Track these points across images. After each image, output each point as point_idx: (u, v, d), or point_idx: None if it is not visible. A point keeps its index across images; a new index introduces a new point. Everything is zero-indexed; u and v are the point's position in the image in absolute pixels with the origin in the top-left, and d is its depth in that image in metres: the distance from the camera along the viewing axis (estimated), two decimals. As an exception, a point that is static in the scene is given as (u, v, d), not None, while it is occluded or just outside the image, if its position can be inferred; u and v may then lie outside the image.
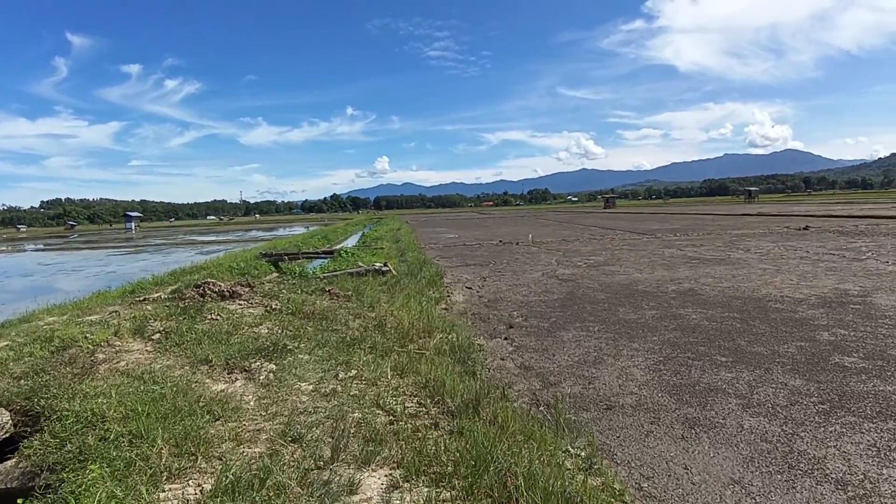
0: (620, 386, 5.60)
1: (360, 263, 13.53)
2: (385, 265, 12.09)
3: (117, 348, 6.10)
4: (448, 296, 11.09)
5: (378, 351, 6.22)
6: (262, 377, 5.09)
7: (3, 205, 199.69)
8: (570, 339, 7.67)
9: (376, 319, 7.77)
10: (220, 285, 9.21)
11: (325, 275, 11.67)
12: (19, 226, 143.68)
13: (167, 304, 8.52)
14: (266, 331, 6.86)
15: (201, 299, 8.78)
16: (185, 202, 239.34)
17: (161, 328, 6.76)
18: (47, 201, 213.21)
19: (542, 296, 11.16)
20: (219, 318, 7.35)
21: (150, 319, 7.22)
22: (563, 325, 8.56)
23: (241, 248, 32.22)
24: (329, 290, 9.61)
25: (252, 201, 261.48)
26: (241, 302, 8.60)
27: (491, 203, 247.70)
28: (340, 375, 5.21)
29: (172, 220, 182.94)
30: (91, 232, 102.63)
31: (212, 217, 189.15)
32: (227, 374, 5.25)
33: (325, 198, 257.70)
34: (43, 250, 45.29)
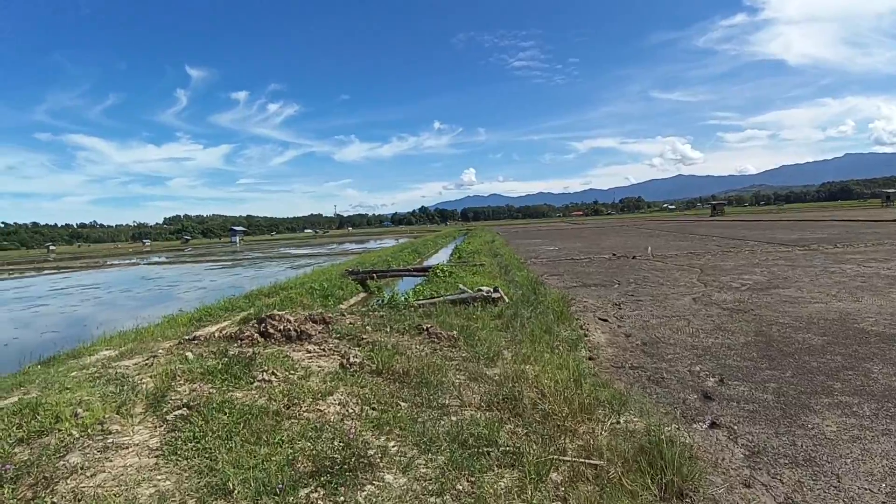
0: None
1: (461, 286, 10.93)
2: (496, 290, 9.40)
3: (109, 440, 3.86)
4: (586, 335, 8.15)
5: (523, 465, 3.48)
6: (314, 550, 2.52)
7: (134, 221, 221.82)
8: (837, 431, 4.46)
9: (503, 385, 5.05)
10: (287, 320, 6.96)
11: (421, 302, 9.19)
12: (145, 241, 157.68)
13: (217, 346, 6.36)
14: (336, 409, 4.36)
15: (261, 340, 6.55)
16: (285, 217, 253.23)
17: (187, 398, 4.49)
18: (169, 218, 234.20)
19: (719, 336, 7.90)
20: (273, 378, 4.99)
21: (181, 379, 5.00)
22: (797, 396, 5.34)
23: (330, 262, 31.11)
24: (427, 329, 7.04)
25: (345, 215, 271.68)
26: (311, 347, 6.24)
27: (580, 213, 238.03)
28: (468, 554, 2.51)
29: (274, 233, 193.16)
30: (203, 245, 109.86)
31: (308, 231, 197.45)
32: (255, 529, 2.74)
33: (413, 210, 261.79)
34: (152, 264, 47.67)
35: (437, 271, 13.75)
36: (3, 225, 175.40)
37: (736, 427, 4.70)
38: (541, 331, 7.54)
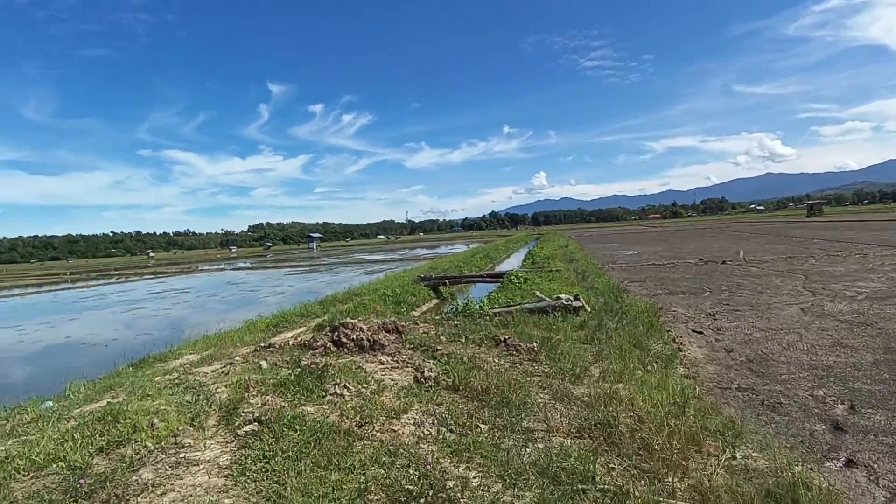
0: None
1: (538, 293, 10.37)
2: (576, 298, 8.78)
3: (181, 455, 3.74)
4: (680, 349, 7.37)
5: (626, 510, 2.96)
6: None
7: (222, 229, 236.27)
8: None
9: (593, 407, 4.51)
10: (360, 329, 6.77)
11: (497, 310, 8.76)
12: (231, 247, 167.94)
13: (290, 355, 6.27)
14: (411, 429, 4.03)
15: (334, 350, 6.39)
16: (359, 223, 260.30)
17: (259, 411, 4.33)
18: (253, 226, 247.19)
19: (840, 353, 6.86)
20: (345, 392, 4.75)
21: (254, 390, 4.88)
22: (954, 432, 4.43)
23: (402, 267, 31.36)
24: (505, 340, 6.60)
25: (416, 220, 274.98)
26: (384, 358, 5.99)
27: (658, 215, 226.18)
28: None
29: (348, 239, 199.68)
30: (283, 251, 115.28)
31: (381, 236, 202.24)
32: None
33: (483, 215, 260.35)
34: (237, 269, 50.46)
35: (512, 277, 13.22)
36: (112, 234, 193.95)
37: (876, 465, 3.91)
38: (629, 344, 6.87)
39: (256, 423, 4.08)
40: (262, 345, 7.09)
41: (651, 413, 4.38)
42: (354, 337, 6.48)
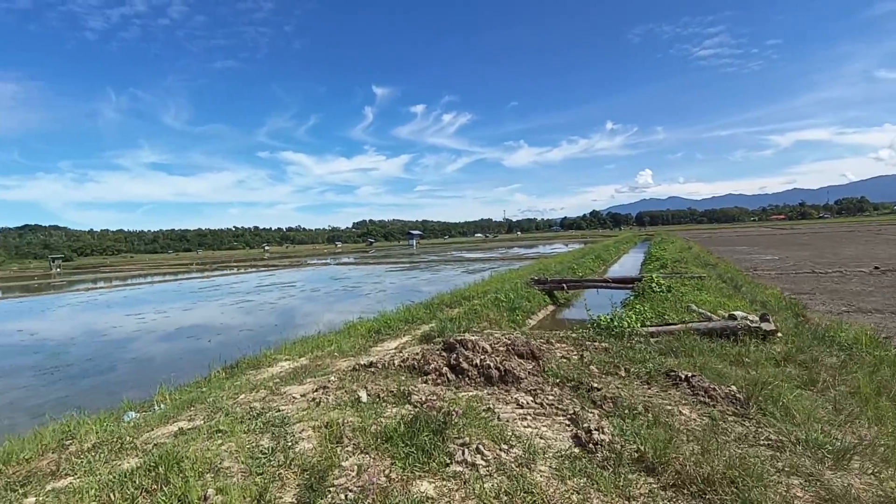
0: None
1: (696, 307, 8.18)
2: (764, 318, 6.54)
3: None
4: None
5: None
6: None
7: (329, 226, 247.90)
8: None
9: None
10: (483, 350, 5.19)
11: (653, 329, 6.76)
12: (337, 242, 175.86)
13: (396, 380, 4.83)
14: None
15: (452, 378, 4.86)
16: (457, 221, 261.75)
17: (355, 488, 2.88)
18: (357, 222, 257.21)
19: None
20: (478, 460, 3.17)
21: (350, 443, 3.46)
22: None
23: (506, 267, 29.63)
24: (688, 378, 4.66)
25: (514, 219, 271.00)
26: (522, 398, 4.33)
27: (782, 216, 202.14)
28: None
29: (447, 237, 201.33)
30: (384, 248, 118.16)
31: (479, 235, 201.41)
32: None
33: (583, 214, 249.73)
34: (341, 265, 51.61)
35: (653, 285, 10.97)
36: (234, 228, 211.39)
37: None
38: (881, 395, 4.63)
39: (351, 515, 2.62)
40: (362, 362, 5.75)
41: None
42: (478, 362, 4.90)
